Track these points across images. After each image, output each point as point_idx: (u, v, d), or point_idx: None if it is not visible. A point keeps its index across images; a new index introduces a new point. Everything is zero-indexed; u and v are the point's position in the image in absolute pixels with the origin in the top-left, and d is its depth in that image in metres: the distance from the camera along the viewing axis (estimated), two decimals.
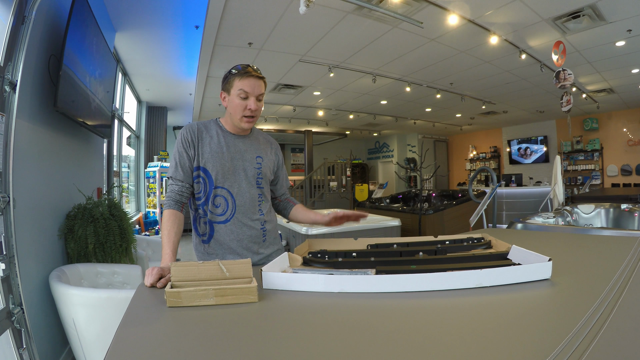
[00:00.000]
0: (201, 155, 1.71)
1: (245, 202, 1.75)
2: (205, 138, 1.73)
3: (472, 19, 4.78)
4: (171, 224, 1.60)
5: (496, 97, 9.11)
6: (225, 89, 1.72)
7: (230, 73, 1.69)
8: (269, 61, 6.19)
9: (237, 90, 1.65)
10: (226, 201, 1.73)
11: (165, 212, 1.63)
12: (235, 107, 1.68)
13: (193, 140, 1.71)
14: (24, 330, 2.11)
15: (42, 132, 2.65)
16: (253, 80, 1.66)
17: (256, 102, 1.68)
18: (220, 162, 1.71)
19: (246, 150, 1.80)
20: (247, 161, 1.78)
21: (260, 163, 1.82)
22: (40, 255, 2.53)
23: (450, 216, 6.52)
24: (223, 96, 1.74)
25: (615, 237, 2.12)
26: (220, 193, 1.72)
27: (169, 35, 5.32)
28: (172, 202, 1.65)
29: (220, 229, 1.73)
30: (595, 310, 0.89)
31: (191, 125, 1.75)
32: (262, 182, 1.83)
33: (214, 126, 1.79)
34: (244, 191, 1.75)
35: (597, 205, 4.04)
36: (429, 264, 1.40)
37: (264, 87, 1.72)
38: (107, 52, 3.89)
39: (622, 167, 10.86)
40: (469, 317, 0.93)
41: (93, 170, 3.94)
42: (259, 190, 1.82)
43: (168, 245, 1.54)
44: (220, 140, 1.75)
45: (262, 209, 1.83)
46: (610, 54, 6.11)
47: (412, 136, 15.61)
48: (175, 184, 1.69)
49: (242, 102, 1.66)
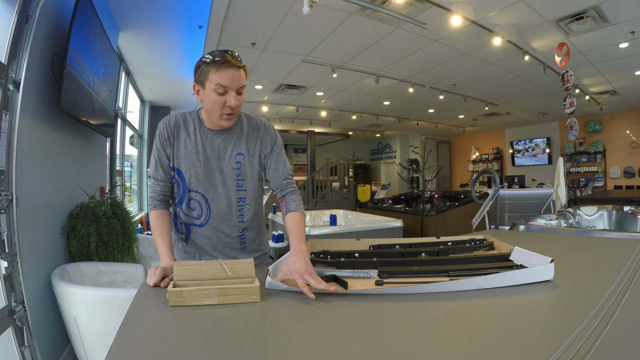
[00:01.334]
0: (176, 155, 1.56)
1: (221, 208, 1.59)
2: (181, 135, 1.56)
3: (476, 20, 4.78)
4: (162, 223, 1.53)
5: (499, 98, 9.09)
6: (198, 82, 1.44)
7: (203, 62, 1.41)
8: (272, 61, 6.20)
9: (214, 85, 1.38)
10: (201, 206, 1.59)
11: (152, 213, 1.56)
12: (212, 104, 1.43)
13: (169, 138, 1.55)
14: (26, 328, 2.12)
15: (46, 131, 2.65)
16: (232, 72, 1.39)
17: (236, 97, 1.42)
18: (193, 164, 1.55)
19: (225, 147, 1.58)
20: (224, 161, 1.58)
21: (240, 162, 1.59)
22: (42, 253, 2.54)
23: (452, 217, 6.52)
24: (196, 89, 1.48)
25: (617, 239, 2.11)
26: (194, 197, 1.58)
27: (173, 35, 5.33)
28: (156, 202, 1.58)
29: (196, 231, 1.62)
30: (597, 312, 0.89)
31: (169, 119, 1.57)
32: (244, 184, 1.61)
33: (194, 120, 1.59)
34: (220, 196, 1.58)
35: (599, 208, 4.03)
36: (431, 265, 1.40)
37: (244, 78, 1.45)
38: (111, 51, 3.90)
39: (625, 169, 10.82)
40: (471, 319, 0.93)
41: (96, 169, 3.95)
42: (240, 194, 1.61)
43: (164, 244, 1.47)
44: (197, 138, 1.56)
45: (244, 215, 1.64)
46: (613, 56, 6.10)
47: (414, 137, 15.60)
48: (157, 184, 1.59)
49: (220, 98, 1.41)
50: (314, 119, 11.67)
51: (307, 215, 6.13)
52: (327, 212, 6.33)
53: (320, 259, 1.55)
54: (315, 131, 13.72)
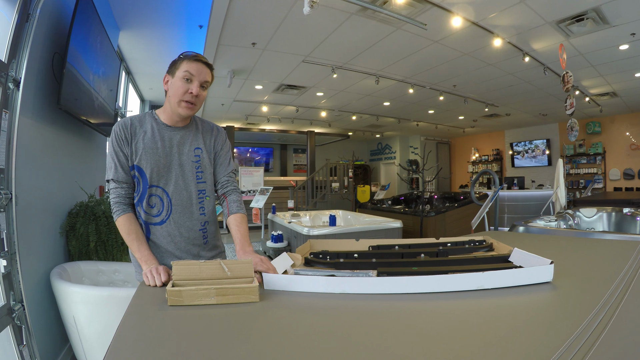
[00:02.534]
0: (135, 153, 1.58)
1: (182, 200, 1.63)
2: (138, 134, 1.60)
3: (476, 21, 4.78)
4: (135, 226, 1.56)
5: (499, 99, 9.10)
6: (170, 72, 1.61)
7: (179, 57, 1.61)
8: (272, 61, 6.19)
9: (183, 72, 1.55)
10: (161, 201, 1.61)
11: (122, 217, 1.55)
12: (176, 90, 1.56)
13: (127, 138, 1.58)
14: (25, 327, 2.12)
15: (45, 129, 2.65)
16: (201, 66, 1.58)
17: (199, 88, 1.58)
18: (154, 158, 1.59)
19: (183, 142, 1.66)
20: (184, 155, 1.65)
21: (199, 156, 1.67)
22: (41, 252, 2.53)
23: (452, 218, 6.52)
24: (166, 80, 1.63)
25: (617, 241, 2.11)
26: (155, 192, 1.61)
27: (173, 35, 5.33)
28: (123, 206, 1.58)
29: (156, 230, 1.62)
30: (596, 313, 0.89)
31: (124, 121, 1.61)
32: (203, 176, 1.69)
33: (149, 119, 1.65)
34: (181, 189, 1.63)
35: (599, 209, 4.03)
36: (430, 266, 1.40)
37: (210, 77, 1.63)
38: (111, 50, 3.90)
39: (624, 171, 10.83)
40: (470, 319, 0.93)
41: (95, 169, 3.95)
42: (200, 186, 1.68)
43: (144, 246, 1.51)
44: (155, 134, 1.61)
45: (205, 207, 1.70)
46: (613, 58, 6.10)
47: (414, 138, 15.60)
48: (120, 187, 1.58)
49: (185, 84, 1.56)
50: (313, 120, 11.67)
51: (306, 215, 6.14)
52: (326, 213, 6.34)
53: (320, 260, 1.55)
54: (315, 131, 13.71)
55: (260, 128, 12.40)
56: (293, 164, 17.57)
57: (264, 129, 12.59)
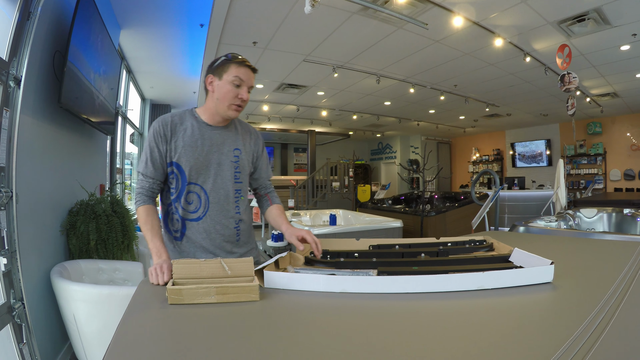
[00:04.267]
0: (174, 150, 1.61)
1: (219, 199, 1.66)
2: (179, 131, 1.63)
3: (477, 21, 4.77)
4: (152, 218, 1.56)
5: (500, 99, 9.09)
6: (216, 74, 1.62)
7: (225, 58, 1.61)
8: (273, 60, 6.19)
9: (232, 77, 1.58)
10: (199, 198, 1.64)
11: (141, 208, 1.58)
12: (226, 94, 1.59)
13: (166, 135, 1.61)
14: (25, 325, 2.12)
15: (46, 128, 2.65)
16: (249, 71, 1.62)
17: (247, 93, 1.63)
18: (193, 156, 1.62)
19: (223, 142, 1.69)
20: (223, 154, 1.68)
21: (237, 156, 1.71)
22: (42, 250, 2.54)
23: (452, 218, 6.51)
24: (210, 80, 1.64)
25: (617, 241, 2.11)
26: (193, 189, 1.64)
27: (174, 33, 5.32)
28: (145, 197, 1.61)
29: (192, 226, 1.65)
30: (597, 314, 0.89)
31: (164, 118, 1.64)
32: (241, 177, 1.73)
33: (189, 117, 1.68)
34: (219, 187, 1.66)
35: (599, 210, 4.03)
36: (430, 266, 1.40)
37: (254, 81, 1.69)
38: (112, 49, 3.89)
39: (625, 172, 10.82)
40: (470, 320, 0.93)
41: (96, 167, 3.95)
42: (237, 186, 1.72)
43: (157, 237, 1.51)
44: (195, 132, 1.64)
45: (240, 206, 1.73)
46: (615, 58, 6.10)
47: (415, 137, 15.59)
48: (146, 180, 1.62)
49: (235, 89, 1.59)
50: (314, 119, 11.67)
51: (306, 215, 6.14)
52: (327, 212, 6.33)
53: (320, 259, 1.55)
54: (316, 131, 13.71)
55: (261, 127, 12.38)
56: (293, 163, 17.57)
57: (264, 128, 12.58)
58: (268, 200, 1.87)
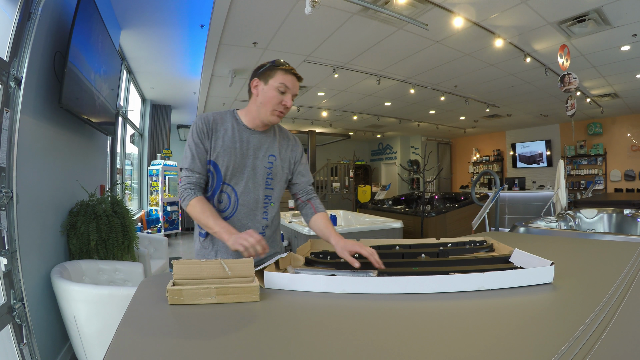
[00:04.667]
0: (213, 149, 1.62)
1: (248, 202, 1.66)
2: (219, 131, 1.64)
3: (477, 22, 4.77)
4: (209, 205, 1.56)
5: (500, 100, 9.09)
6: (262, 78, 1.62)
7: (272, 64, 1.62)
8: None
9: (279, 83, 1.59)
10: (229, 199, 1.64)
11: (194, 199, 1.55)
12: (270, 99, 1.60)
13: (208, 132, 1.62)
14: (25, 325, 2.12)
15: (47, 128, 2.66)
16: (295, 79, 1.63)
17: (291, 100, 1.63)
18: (231, 158, 1.62)
19: (259, 147, 1.69)
20: (258, 159, 1.68)
21: (272, 162, 1.71)
22: (42, 250, 2.54)
23: (452, 219, 6.51)
24: (255, 84, 1.64)
25: (617, 242, 2.11)
26: (225, 190, 1.64)
27: (174, 34, 5.33)
28: (194, 190, 1.58)
29: None
30: (597, 315, 0.89)
31: (206, 116, 1.65)
32: (273, 183, 1.72)
33: (230, 118, 1.69)
34: (249, 191, 1.66)
35: (599, 210, 4.02)
36: (431, 266, 1.40)
37: (298, 89, 1.69)
38: (112, 49, 3.90)
39: (625, 172, 10.82)
40: (470, 320, 0.93)
41: (96, 167, 3.95)
42: (268, 192, 1.71)
43: (221, 219, 1.51)
44: (235, 134, 1.65)
45: (268, 212, 1.73)
46: (615, 59, 6.09)
47: (415, 138, 15.59)
48: (193, 175, 1.60)
49: (280, 95, 1.60)
50: (314, 119, 11.67)
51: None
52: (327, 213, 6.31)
53: (320, 259, 1.55)
54: (316, 131, 13.71)
55: None
56: None
57: None
58: (311, 208, 1.80)
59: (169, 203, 9.13)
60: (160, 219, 8.83)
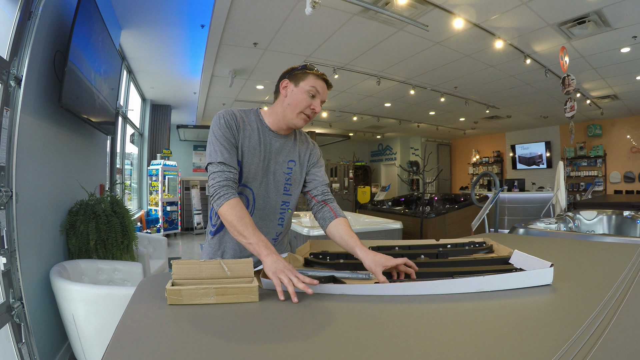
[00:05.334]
0: (239, 148, 1.54)
1: (265, 207, 1.62)
2: (246, 130, 1.56)
3: (478, 23, 4.78)
4: (246, 212, 1.40)
5: (500, 101, 9.10)
6: (292, 79, 1.58)
7: (305, 68, 1.58)
8: (273, 61, 6.19)
9: (310, 87, 1.54)
10: (247, 201, 1.58)
11: (233, 200, 1.39)
12: (299, 101, 1.54)
13: (237, 127, 1.54)
14: (24, 324, 2.12)
15: (46, 127, 2.66)
16: (325, 85, 1.59)
17: (320, 106, 1.58)
18: (254, 160, 1.56)
19: (280, 152, 1.63)
20: (278, 164, 1.63)
21: (291, 168, 1.66)
22: (41, 250, 2.54)
23: (452, 220, 6.52)
24: (285, 85, 1.59)
25: (617, 243, 2.11)
26: (243, 192, 1.57)
27: (175, 34, 5.34)
28: (232, 190, 1.43)
29: None
30: (596, 316, 0.89)
31: (232, 111, 1.56)
32: (291, 189, 1.67)
33: (254, 118, 1.62)
34: (267, 196, 1.61)
35: (599, 212, 4.03)
36: (430, 267, 1.40)
37: (327, 96, 1.64)
38: (113, 49, 3.90)
39: (625, 174, 10.82)
40: (469, 322, 0.92)
41: (96, 167, 3.95)
42: (285, 198, 1.66)
43: (258, 231, 1.35)
44: (260, 136, 1.59)
45: (284, 218, 1.69)
46: (615, 60, 6.10)
47: (415, 139, 15.60)
48: (230, 170, 1.46)
49: (309, 99, 1.54)
50: (314, 120, 11.68)
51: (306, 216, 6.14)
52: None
53: (319, 260, 1.55)
54: (316, 132, 13.72)
55: None
56: None
57: None
58: (330, 211, 1.65)
59: (168, 203, 9.13)
60: (160, 219, 8.83)
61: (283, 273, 1.15)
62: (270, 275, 1.16)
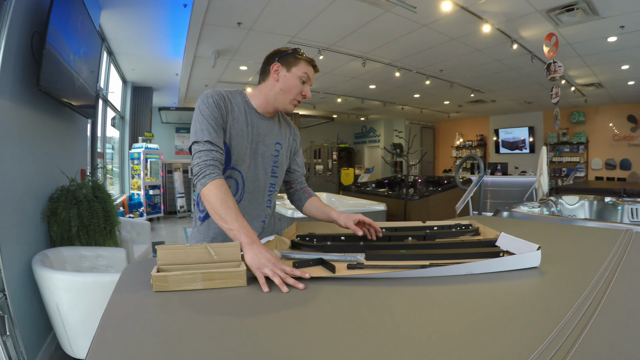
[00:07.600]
0: (227, 130, 1.51)
1: (254, 189, 1.61)
2: (234, 110, 1.54)
3: (466, 7, 4.75)
4: (230, 195, 1.34)
5: (485, 85, 9.15)
6: (284, 64, 1.55)
7: (297, 52, 1.56)
8: (258, 42, 6.09)
9: (302, 72, 1.54)
10: (237, 184, 1.57)
11: (217, 181, 1.34)
12: (291, 87, 1.54)
13: (226, 108, 1.50)
14: (7, 316, 2.08)
15: (24, 112, 2.57)
16: (313, 72, 1.61)
17: (309, 91, 1.60)
18: (242, 143, 1.54)
19: (267, 134, 1.63)
20: (266, 146, 1.62)
21: (278, 151, 1.67)
22: (22, 239, 2.48)
23: (435, 202, 6.56)
24: (276, 68, 1.55)
25: (600, 228, 2.15)
26: (232, 175, 1.55)
27: (156, 14, 5.20)
28: (217, 169, 1.39)
29: None
30: (584, 300, 0.90)
31: (219, 91, 1.52)
32: (278, 172, 1.69)
33: (240, 99, 1.59)
34: (256, 178, 1.61)
35: (581, 197, 4.10)
36: (418, 249, 1.40)
37: None
38: (92, 30, 3.79)
39: (606, 161, 11.04)
40: (458, 305, 0.93)
41: (76, 152, 3.86)
42: (272, 180, 1.68)
43: (241, 216, 1.30)
44: (247, 118, 1.57)
45: (271, 200, 1.70)
46: (601, 49, 6.15)
47: (399, 122, 15.62)
48: (216, 150, 1.42)
49: (301, 85, 1.55)
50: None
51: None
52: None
53: (306, 242, 1.54)
54: (300, 113, 13.63)
55: None
56: None
57: None
58: (305, 193, 1.82)
59: (150, 187, 9.03)
60: (143, 203, 8.74)
61: (267, 267, 1.10)
62: (254, 270, 1.11)
